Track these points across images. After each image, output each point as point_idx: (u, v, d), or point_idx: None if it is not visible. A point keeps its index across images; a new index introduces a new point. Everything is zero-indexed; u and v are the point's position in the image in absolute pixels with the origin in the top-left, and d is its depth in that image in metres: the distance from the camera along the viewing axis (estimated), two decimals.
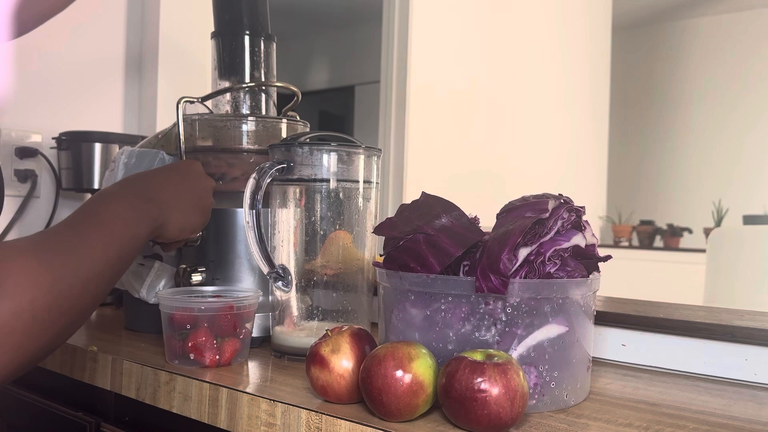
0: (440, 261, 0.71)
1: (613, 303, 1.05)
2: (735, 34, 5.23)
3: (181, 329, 0.84)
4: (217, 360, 0.84)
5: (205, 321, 0.83)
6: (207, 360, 0.83)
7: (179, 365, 0.84)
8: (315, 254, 0.89)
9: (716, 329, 0.88)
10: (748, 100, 5.13)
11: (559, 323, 0.70)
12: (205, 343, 0.83)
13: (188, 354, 0.83)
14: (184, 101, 0.99)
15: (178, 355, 0.84)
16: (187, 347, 0.83)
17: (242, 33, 1.06)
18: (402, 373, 0.64)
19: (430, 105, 3.26)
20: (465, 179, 3.48)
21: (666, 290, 3.56)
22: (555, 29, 4.25)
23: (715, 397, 0.79)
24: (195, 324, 0.83)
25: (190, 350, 0.83)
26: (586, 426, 0.66)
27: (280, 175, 0.88)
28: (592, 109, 4.72)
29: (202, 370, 0.82)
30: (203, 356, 0.83)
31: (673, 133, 5.49)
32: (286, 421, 0.70)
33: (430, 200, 0.79)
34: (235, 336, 0.85)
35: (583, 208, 0.76)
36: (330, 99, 6.10)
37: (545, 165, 4.14)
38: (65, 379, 0.95)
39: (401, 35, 3.14)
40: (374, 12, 3.49)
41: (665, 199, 5.44)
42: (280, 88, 1.10)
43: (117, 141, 1.54)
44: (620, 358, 0.95)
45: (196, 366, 0.83)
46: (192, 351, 0.83)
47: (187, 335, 0.83)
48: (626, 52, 5.46)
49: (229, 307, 0.84)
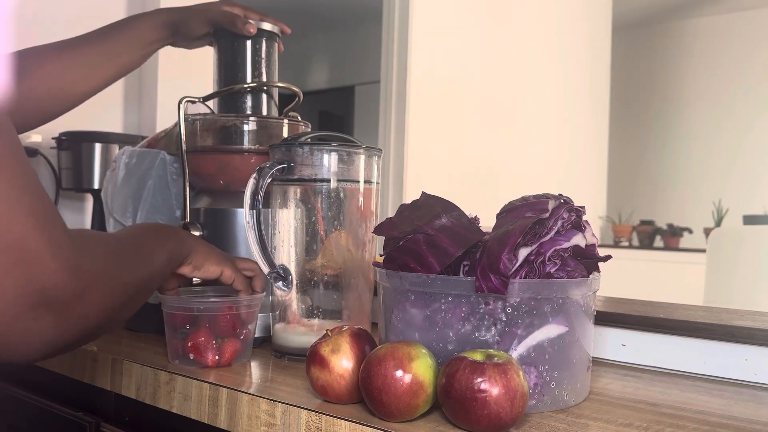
0: (440, 261, 0.71)
1: (613, 303, 1.05)
2: (735, 34, 5.23)
3: (181, 329, 0.84)
4: (217, 360, 0.84)
5: (206, 321, 0.83)
6: (207, 360, 0.83)
7: (180, 365, 0.84)
8: (315, 254, 0.89)
9: (716, 329, 0.88)
10: (747, 100, 5.13)
11: (559, 323, 0.71)
12: (205, 343, 0.83)
13: (188, 354, 0.83)
14: (186, 101, 0.99)
15: (179, 355, 0.84)
16: (187, 347, 0.83)
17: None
18: (402, 373, 0.64)
19: (430, 105, 3.26)
20: (465, 179, 3.48)
21: (666, 290, 3.56)
22: (555, 29, 4.25)
23: (715, 397, 0.79)
24: (195, 324, 0.83)
25: (190, 350, 0.83)
26: (586, 426, 0.66)
27: (281, 175, 0.88)
28: (592, 108, 4.72)
29: (202, 370, 0.82)
30: (203, 356, 0.83)
31: (673, 133, 5.49)
32: (286, 421, 0.70)
33: (430, 200, 0.79)
34: (235, 336, 0.85)
35: (583, 208, 0.76)
36: (330, 99, 6.09)
37: (545, 165, 4.14)
38: (65, 379, 0.95)
39: (401, 35, 3.14)
40: (374, 12, 3.49)
41: (665, 199, 5.43)
42: (281, 88, 1.10)
43: (117, 141, 1.54)
44: (620, 358, 0.95)
45: (196, 366, 0.83)
46: (192, 351, 0.83)
47: (187, 335, 0.83)
48: (626, 52, 5.46)
49: (228, 307, 0.84)
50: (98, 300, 0.56)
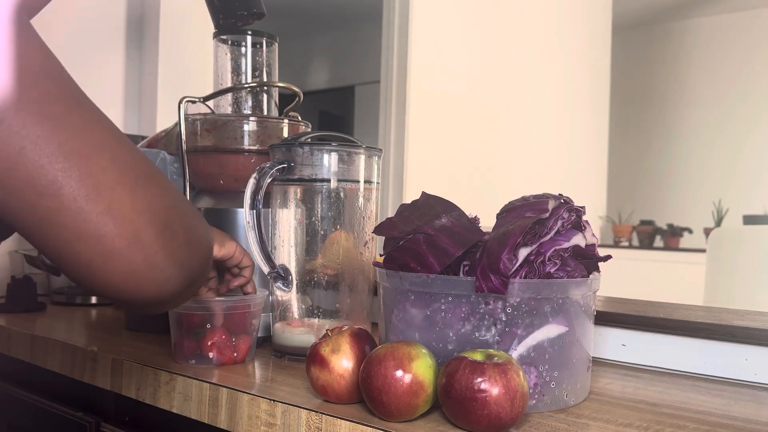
0: (440, 261, 0.71)
1: (613, 303, 1.05)
2: (735, 34, 5.23)
3: (196, 329, 0.84)
4: (234, 357, 0.85)
5: (224, 320, 0.85)
6: (228, 358, 0.85)
7: (196, 365, 0.84)
8: (315, 254, 0.89)
9: (716, 329, 0.88)
10: (748, 100, 5.13)
11: (559, 323, 0.71)
12: (225, 341, 0.85)
13: (207, 353, 0.84)
14: (186, 101, 0.99)
15: (195, 354, 0.85)
16: (206, 346, 0.84)
17: (244, 33, 1.06)
18: (402, 373, 0.64)
19: (430, 105, 3.26)
20: (465, 179, 3.48)
21: (666, 290, 3.56)
22: (555, 29, 4.25)
23: (715, 397, 0.79)
24: (213, 323, 0.84)
25: (210, 348, 0.84)
26: (586, 426, 0.66)
27: (281, 175, 0.88)
28: (592, 109, 4.72)
29: (203, 369, 0.83)
30: (223, 354, 0.84)
31: (673, 133, 5.49)
32: (286, 421, 0.70)
33: (430, 200, 0.79)
34: (247, 333, 0.87)
35: (583, 208, 0.76)
36: (330, 99, 6.09)
37: (545, 165, 4.14)
38: (65, 379, 0.95)
39: (401, 35, 3.14)
40: (374, 12, 3.49)
41: (665, 199, 5.43)
42: (281, 88, 1.10)
43: None
44: (620, 358, 0.95)
45: (213, 365, 0.84)
46: (212, 349, 0.84)
47: (205, 335, 0.84)
48: (626, 52, 5.46)
49: (245, 305, 0.86)
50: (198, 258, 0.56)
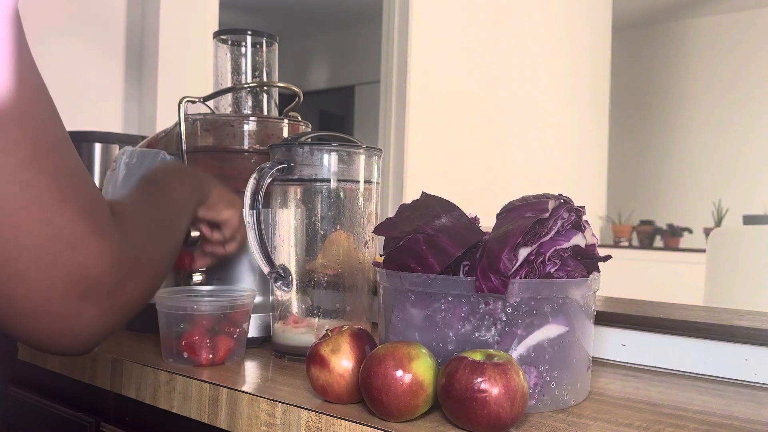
0: (440, 261, 0.71)
1: (613, 303, 1.05)
2: (735, 34, 5.23)
3: (175, 328, 0.84)
4: (210, 359, 0.84)
5: (201, 320, 0.84)
6: (201, 359, 0.84)
7: (174, 363, 0.84)
8: (315, 254, 0.89)
9: (716, 329, 0.88)
10: (747, 100, 5.13)
11: (559, 323, 0.71)
12: (199, 341, 0.84)
13: (182, 352, 0.84)
14: (186, 101, 0.99)
15: (173, 353, 0.85)
16: (181, 345, 0.84)
17: (244, 33, 1.06)
18: (402, 373, 0.64)
19: (430, 105, 3.26)
20: (465, 179, 3.48)
21: (666, 290, 3.56)
22: (555, 29, 4.25)
23: (715, 397, 0.79)
24: (189, 323, 0.84)
25: (184, 348, 0.84)
26: (586, 426, 0.66)
27: (281, 175, 0.88)
28: (592, 109, 4.73)
29: (198, 369, 0.82)
30: (197, 355, 0.84)
31: (673, 133, 5.49)
32: (286, 421, 0.70)
33: (430, 200, 0.79)
34: (228, 335, 0.86)
35: (583, 208, 0.76)
36: (330, 99, 6.10)
37: (545, 165, 4.14)
38: (65, 379, 0.95)
39: (401, 35, 3.14)
40: (374, 12, 3.49)
41: (665, 199, 5.44)
42: (281, 88, 1.10)
43: (117, 141, 1.54)
44: (620, 358, 0.95)
45: (190, 364, 0.84)
46: (186, 349, 0.84)
47: (182, 334, 0.84)
48: (626, 52, 5.46)
49: (221, 306, 0.85)
50: (140, 286, 0.56)
